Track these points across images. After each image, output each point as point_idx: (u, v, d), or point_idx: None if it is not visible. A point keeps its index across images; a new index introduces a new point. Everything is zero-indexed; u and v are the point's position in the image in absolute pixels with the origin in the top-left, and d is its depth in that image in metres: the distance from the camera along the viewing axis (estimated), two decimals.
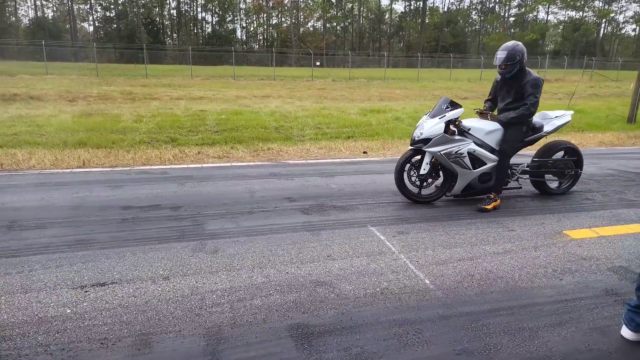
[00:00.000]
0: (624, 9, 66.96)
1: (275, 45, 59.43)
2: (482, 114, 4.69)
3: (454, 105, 4.48)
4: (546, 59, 38.86)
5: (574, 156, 4.95)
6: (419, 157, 4.51)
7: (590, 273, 3.03)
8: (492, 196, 4.39)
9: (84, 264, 3.02)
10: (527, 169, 4.80)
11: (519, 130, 4.52)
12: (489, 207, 4.29)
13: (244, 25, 73.43)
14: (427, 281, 2.87)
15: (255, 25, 74.26)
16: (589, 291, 2.79)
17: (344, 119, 10.70)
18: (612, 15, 65.59)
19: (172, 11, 68.65)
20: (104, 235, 3.54)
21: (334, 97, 16.69)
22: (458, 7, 73.62)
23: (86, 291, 2.67)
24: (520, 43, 4.37)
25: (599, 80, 29.98)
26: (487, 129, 4.53)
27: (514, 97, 4.48)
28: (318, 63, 40.68)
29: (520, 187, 4.87)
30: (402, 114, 11.79)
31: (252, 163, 6.51)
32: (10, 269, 2.93)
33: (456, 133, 4.35)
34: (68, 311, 2.45)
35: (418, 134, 4.43)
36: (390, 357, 2.13)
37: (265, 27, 73.92)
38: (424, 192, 4.57)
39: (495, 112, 4.76)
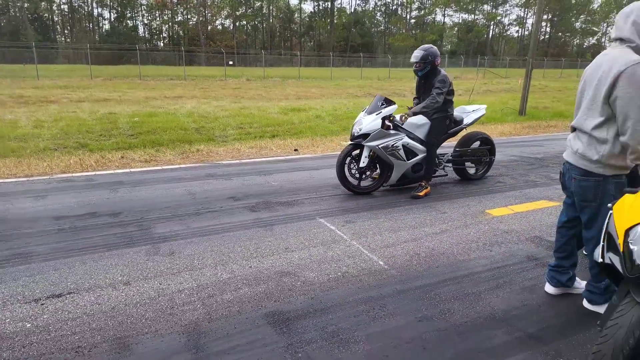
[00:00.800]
0: (509, 12, 74.60)
1: (183, 44, 57.23)
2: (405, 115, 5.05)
3: (388, 102, 4.83)
4: (445, 59, 41.98)
5: (488, 145, 5.57)
6: (357, 151, 4.80)
7: (513, 243, 3.51)
8: (423, 184, 4.82)
9: (31, 278, 2.85)
10: (451, 158, 5.32)
11: (443, 123, 4.99)
12: (421, 194, 4.71)
13: (146, 22, 69.79)
14: (381, 262, 3.14)
15: (159, 22, 70.86)
16: (514, 258, 3.25)
17: (266, 118, 10.77)
18: (498, 18, 72.76)
19: (63, 6, 63.08)
20: (43, 247, 3.34)
21: (251, 97, 16.63)
22: (364, 8, 76.68)
23: (42, 304, 2.54)
24: (434, 47, 4.83)
25: (491, 77, 33.21)
26: (417, 123, 4.94)
27: (430, 93, 4.94)
28: (231, 62, 40.03)
29: (446, 175, 5.38)
30: (322, 112, 12.14)
31: (183, 165, 6.37)
32: None
33: (391, 128, 4.69)
34: (28, 325, 2.34)
35: (357, 129, 4.71)
36: (362, 329, 2.35)
37: (170, 24, 70.83)
38: (363, 183, 4.87)
39: None
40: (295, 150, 7.77)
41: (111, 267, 3.00)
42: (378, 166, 4.90)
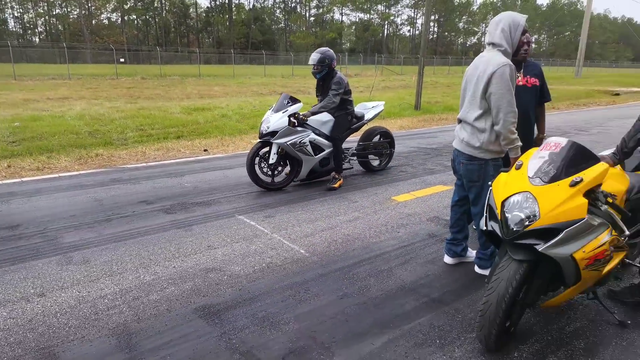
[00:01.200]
0: (400, 12, 79.53)
1: (64, 39, 52.13)
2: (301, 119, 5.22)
3: (294, 100, 5.04)
4: (345, 56, 43.62)
5: (388, 138, 6.06)
6: (266, 148, 4.95)
7: (416, 224, 3.94)
8: (336, 176, 5.13)
9: None
10: (355, 151, 5.69)
11: (345, 120, 5.33)
12: (336, 185, 5.02)
13: (17, 14, 62.53)
14: (302, 251, 3.34)
15: (32, 15, 63.85)
16: (418, 237, 3.66)
17: (169, 118, 10.39)
18: (392, 17, 77.20)
19: None
20: None
21: (149, 96, 15.83)
22: (262, 4, 76.45)
23: None
24: (330, 50, 5.12)
25: (388, 74, 35.24)
26: (322, 120, 5.21)
27: (326, 94, 5.22)
28: (122, 59, 37.53)
29: (352, 167, 5.75)
30: (228, 111, 12.01)
31: (83, 172, 5.99)
32: None
33: (297, 125, 4.90)
34: None
35: (265, 127, 4.86)
36: (290, 312, 2.53)
37: (47, 17, 64.19)
38: (265, 179, 5.00)
39: None
40: (205, 150, 7.68)
41: (20, 281, 2.83)
42: (288, 162, 5.09)
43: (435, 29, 79.73)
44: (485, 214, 2.27)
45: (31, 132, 8.15)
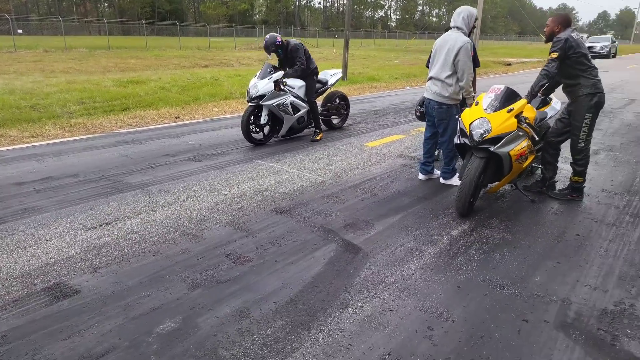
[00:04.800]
0: None
1: None
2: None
3: (275, 69, 6.13)
4: (262, 29, 43.71)
5: (344, 100, 7.39)
6: (255, 110, 5.97)
7: (390, 159, 5.37)
8: (317, 131, 6.37)
9: None
10: (320, 112, 6.94)
11: (314, 84, 6.53)
12: (318, 137, 6.28)
13: None
14: (320, 178, 4.61)
15: None
16: (395, 166, 5.09)
17: (108, 92, 10.40)
18: None
19: None
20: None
21: (64, 70, 15.12)
22: None
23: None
24: (273, 33, 6.19)
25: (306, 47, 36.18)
26: (298, 85, 6.37)
27: (291, 63, 6.32)
28: (20, 31, 34.28)
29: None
30: (165, 84, 12.18)
31: (79, 137, 6.54)
32: None
33: (280, 89, 6.00)
34: None
35: (254, 92, 5.89)
36: (334, 208, 3.82)
37: None
38: (257, 136, 6.09)
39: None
40: (177, 117, 8.43)
41: (127, 204, 3.77)
42: (270, 121, 6.16)
43: (344, 1, 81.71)
44: (458, 134, 3.73)
45: None
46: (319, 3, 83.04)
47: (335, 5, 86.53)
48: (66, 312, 2.31)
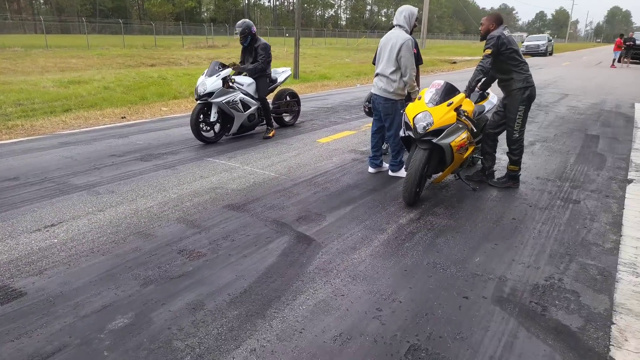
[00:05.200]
0: None
1: None
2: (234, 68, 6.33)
3: (223, 66, 6.10)
4: (211, 27, 42.92)
5: (295, 98, 7.47)
6: (205, 109, 5.92)
7: (341, 154, 5.51)
8: (269, 128, 6.41)
9: None
10: (272, 109, 6.98)
11: (265, 82, 6.57)
12: (270, 135, 6.32)
13: None
14: (272, 174, 4.67)
15: None
16: (346, 161, 5.23)
17: (45, 92, 9.93)
18: None
19: None
20: None
21: None
22: None
23: None
24: (248, 20, 6.28)
25: None
26: (247, 82, 6.38)
27: (253, 58, 6.40)
28: None
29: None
30: (108, 84, 11.80)
31: (17, 140, 6.23)
32: None
33: (229, 86, 5.99)
34: None
35: (202, 90, 5.84)
36: (287, 202, 3.89)
37: None
38: (207, 135, 6.05)
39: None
40: (123, 117, 8.18)
41: (73, 206, 3.66)
42: (220, 119, 6.12)
43: (294, 0, 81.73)
44: (403, 127, 3.90)
45: None
46: (269, 1, 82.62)
47: (285, 4, 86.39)
48: (12, 314, 2.24)
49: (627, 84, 14.86)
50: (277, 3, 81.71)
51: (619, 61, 23.53)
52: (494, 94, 4.95)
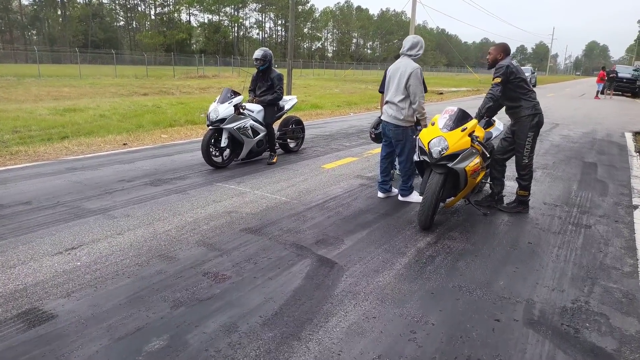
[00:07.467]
0: (249, 16, 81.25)
1: None
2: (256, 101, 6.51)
3: (235, 93, 6.22)
4: (202, 58, 43.55)
5: (300, 125, 7.59)
6: (216, 134, 5.99)
7: (348, 180, 5.56)
8: (272, 154, 6.47)
9: None
10: (278, 135, 7.07)
11: (273, 109, 6.70)
12: (274, 160, 6.38)
13: None
14: (283, 198, 4.69)
15: None
16: (354, 186, 5.28)
17: (41, 120, 9.91)
18: (241, 20, 78.45)
19: None
20: None
21: None
22: (100, 0, 70.50)
23: None
24: (268, 49, 6.49)
25: (247, 76, 36.47)
26: (257, 109, 6.49)
27: (267, 86, 6.57)
28: None
29: (278, 148, 7.13)
30: (104, 112, 11.82)
31: (23, 165, 6.16)
32: None
33: (240, 112, 6.08)
34: None
35: (214, 116, 5.92)
36: (304, 225, 3.90)
37: None
38: (217, 160, 6.10)
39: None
40: (125, 144, 8.17)
41: (91, 228, 3.63)
42: (230, 145, 6.19)
43: (283, 33, 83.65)
44: (417, 152, 3.99)
45: None
46: (257, 34, 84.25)
47: (274, 36, 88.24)
48: (46, 337, 2.19)
49: (613, 115, 15.41)
50: (266, 35, 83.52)
51: (602, 93, 24.40)
52: (500, 121, 5.10)
